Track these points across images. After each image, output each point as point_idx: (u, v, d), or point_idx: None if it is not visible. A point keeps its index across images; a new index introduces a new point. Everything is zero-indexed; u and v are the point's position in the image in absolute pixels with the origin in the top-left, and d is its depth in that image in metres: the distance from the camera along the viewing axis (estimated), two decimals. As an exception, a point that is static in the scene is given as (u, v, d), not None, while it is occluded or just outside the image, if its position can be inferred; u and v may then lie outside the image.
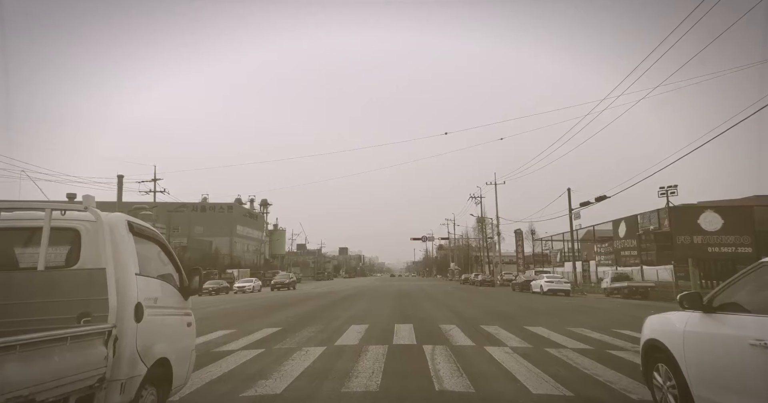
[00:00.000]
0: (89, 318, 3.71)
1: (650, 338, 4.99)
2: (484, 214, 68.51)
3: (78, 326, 3.59)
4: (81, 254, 4.05)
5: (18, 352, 2.77)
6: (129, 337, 3.82)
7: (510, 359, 8.15)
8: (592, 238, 47.22)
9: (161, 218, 48.67)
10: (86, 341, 3.39)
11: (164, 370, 4.41)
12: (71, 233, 4.09)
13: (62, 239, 4.06)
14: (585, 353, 8.78)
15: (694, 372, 4.22)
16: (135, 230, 4.33)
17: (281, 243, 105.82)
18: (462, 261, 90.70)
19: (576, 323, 14.05)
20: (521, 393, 5.97)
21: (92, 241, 4.01)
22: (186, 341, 5.17)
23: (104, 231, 3.89)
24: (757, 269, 3.95)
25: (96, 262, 3.91)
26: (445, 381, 6.52)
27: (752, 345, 3.47)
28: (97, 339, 3.51)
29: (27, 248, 4.14)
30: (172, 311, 4.85)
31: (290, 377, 6.81)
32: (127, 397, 3.76)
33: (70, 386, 3.18)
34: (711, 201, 39.86)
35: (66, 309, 3.72)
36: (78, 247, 4.07)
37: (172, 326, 4.83)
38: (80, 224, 4.11)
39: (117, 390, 3.67)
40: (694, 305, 4.34)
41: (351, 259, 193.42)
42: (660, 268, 33.56)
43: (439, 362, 7.85)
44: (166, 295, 4.72)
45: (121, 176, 44.25)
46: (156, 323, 4.31)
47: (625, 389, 6.01)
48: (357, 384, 6.38)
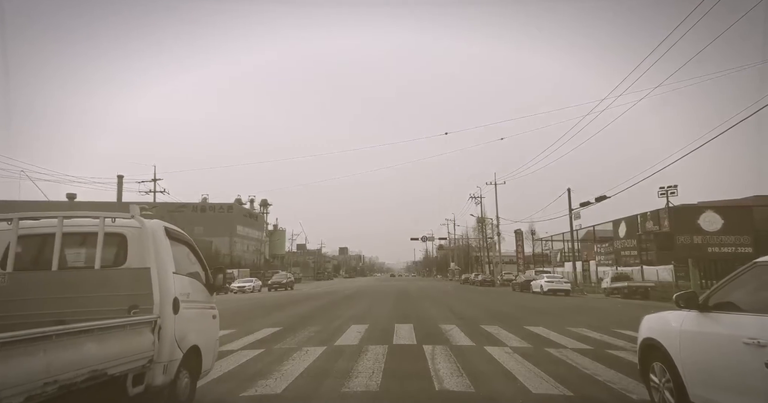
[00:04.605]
0: (137, 310, 4.33)
1: (647, 336, 5.04)
2: (485, 214, 68.53)
3: (133, 316, 4.22)
4: (128, 255, 4.70)
5: (95, 335, 3.49)
6: (169, 326, 4.48)
7: (510, 359, 8.16)
8: (592, 238, 47.20)
9: (161, 218, 48.72)
10: (139, 329, 4.09)
11: (195, 356, 5.13)
12: (119, 237, 4.73)
13: (111, 243, 4.67)
14: (585, 353, 8.78)
15: (690, 371, 4.27)
16: (170, 234, 5.05)
17: (281, 243, 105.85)
18: (462, 261, 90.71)
19: (576, 323, 14.05)
20: (521, 393, 5.98)
21: (137, 244, 4.66)
22: (212, 332, 5.90)
23: (148, 236, 4.59)
24: (750, 269, 4.02)
25: (141, 262, 4.56)
26: (446, 381, 6.52)
27: (746, 344, 3.52)
28: (146, 327, 4.19)
29: (81, 250, 4.81)
30: (200, 304, 5.52)
31: (290, 377, 6.81)
32: (168, 377, 4.44)
33: (129, 364, 3.88)
34: (711, 201, 39.85)
35: (118, 302, 4.34)
36: (125, 249, 4.72)
37: (201, 318, 5.50)
38: (127, 229, 4.73)
39: (161, 371, 4.35)
40: (689, 305, 4.39)
41: (351, 259, 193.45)
42: (660, 268, 33.58)
43: (440, 362, 7.85)
44: (195, 291, 5.39)
45: (121, 176, 44.40)
46: (189, 315, 4.95)
47: (625, 389, 6.02)
48: (357, 384, 6.38)
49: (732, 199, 40.36)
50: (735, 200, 39.74)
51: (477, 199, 65.22)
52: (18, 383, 2.77)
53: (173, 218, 56.53)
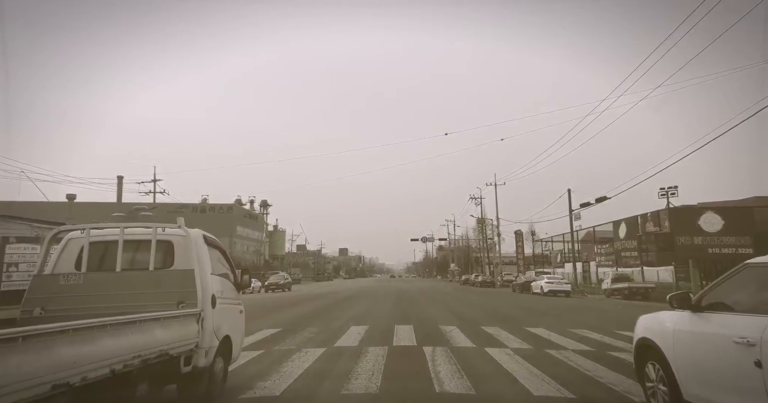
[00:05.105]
0: (184, 304, 5.12)
1: (642, 336, 5.11)
2: (485, 215, 68.48)
3: (182, 309, 5.02)
4: (175, 259, 5.52)
5: (162, 323, 4.38)
6: (209, 318, 5.29)
7: (510, 361, 8.10)
8: (592, 239, 47.13)
9: (161, 218, 48.58)
10: (188, 320, 4.93)
11: (228, 344, 5.97)
12: (167, 244, 5.56)
13: (161, 248, 5.50)
14: (586, 355, 8.73)
15: (683, 370, 4.34)
16: (207, 240, 5.92)
17: (281, 244, 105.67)
18: (462, 262, 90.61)
19: (576, 324, 14.01)
20: (522, 395, 5.93)
21: (182, 249, 5.50)
22: (240, 324, 6.75)
23: (191, 243, 5.48)
24: (742, 270, 4.11)
25: (185, 264, 5.40)
26: (446, 383, 6.47)
27: (736, 343, 3.60)
28: (193, 319, 5.03)
29: (137, 254, 5.60)
30: (231, 301, 6.29)
31: (289, 379, 6.76)
32: (208, 361, 5.27)
33: (182, 347, 4.74)
34: (711, 202, 39.79)
35: (168, 297, 5.14)
36: (172, 254, 5.54)
37: (232, 313, 6.29)
38: (173, 237, 5.57)
39: (203, 355, 5.16)
40: (683, 305, 4.48)
41: (351, 259, 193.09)
42: (660, 269, 33.49)
43: (440, 364, 7.80)
44: (226, 289, 6.20)
45: (120, 177, 44.33)
46: (222, 310, 5.77)
47: (628, 392, 5.96)
48: (357, 386, 6.33)
49: (732, 201, 40.32)
50: (735, 201, 39.70)
51: (477, 200, 65.20)
52: (118, 354, 3.67)
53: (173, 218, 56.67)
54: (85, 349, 3.29)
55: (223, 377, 5.90)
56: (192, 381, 5.12)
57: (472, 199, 65.99)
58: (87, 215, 43.45)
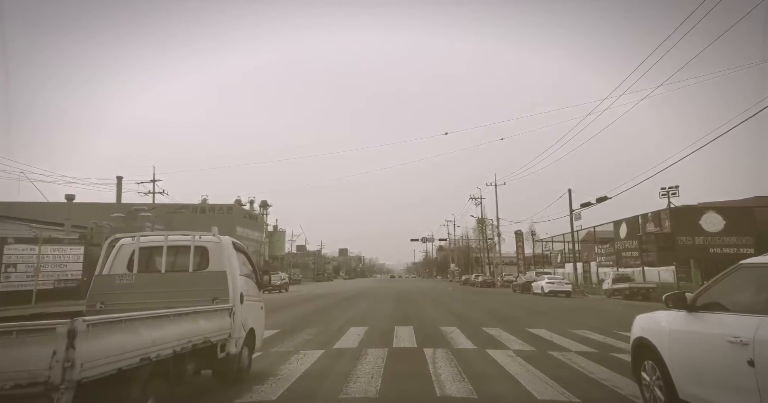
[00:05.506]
0: (218, 300, 6.02)
1: (639, 336, 5.18)
2: (485, 215, 68.34)
3: (218, 305, 5.88)
4: (209, 262, 6.41)
5: (205, 315, 5.29)
6: (238, 313, 6.18)
7: (513, 363, 7.95)
8: (592, 239, 46.98)
9: (161, 219, 48.34)
10: (223, 313, 5.84)
11: (252, 336, 6.91)
12: (203, 249, 6.45)
13: (198, 253, 6.41)
14: (589, 356, 8.58)
15: (679, 368, 4.40)
16: (236, 246, 6.79)
17: (281, 244, 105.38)
18: (462, 262, 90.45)
19: (579, 325, 13.86)
20: (525, 399, 5.78)
21: (215, 254, 6.43)
22: (261, 319, 7.72)
23: (223, 248, 6.44)
24: (736, 271, 4.16)
25: (218, 267, 6.33)
26: (447, 386, 6.32)
27: (730, 342, 3.65)
28: (226, 313, 5.93)
29: (178, 258, 6.44)
30: (254, 298, 7.21)
31: (287, 382, 6.60)
32: (237, 349, 6.17)
33: (219, 336, 5.63)
34: (712, 202, 39.60)
35: (205, 295, 6.02)
36: (207, 258, 6.43)
37: (255, 308, 7.26)
38: (208, 243, 6.49)
39: (234, 344, 6.06)
40: (678, 305, 4.54)
41: (351, 260, 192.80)
42: (661, 269, 33.31)
43: (441, 366, 7.65)
44: (250, 288, 7.08)
45: (120, 178, 44.15)
46: (248, 306, 6.68)
47: (633, 395, 5.78)
48: (355, 389, 6.18)
49: (732, 201, 40.15)
50: (735, 201, 39.52)
51: (477, 200, 65.08)
52: (177, 338, 4.50)
53: (172, 219, 56.15)
54: (158, 333, 4.19)
55: (249, 365, 6.87)
56: (225, 366, 5.99)
57: (472, 199, 65.92)
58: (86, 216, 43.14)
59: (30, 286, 24.08)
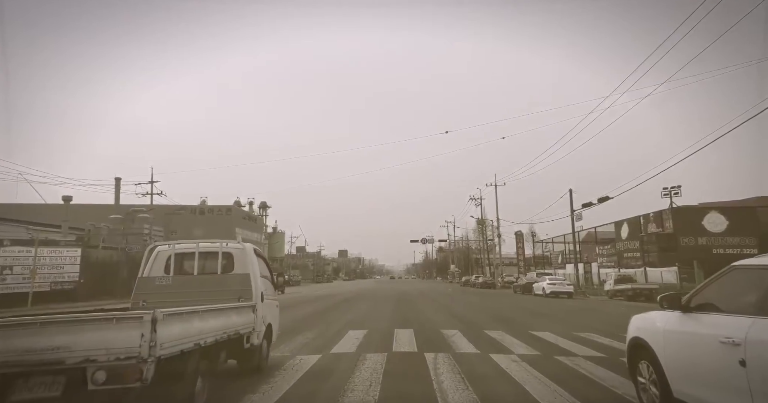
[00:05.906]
0: (243, 299, 6.85)
1: (634, 336, 5.23)
2: (485, 215, 68.03)
3: (243, 303, 6.72)
4: (234, 265, 7.29)
5: (236, 310, 6.19)
6: (260, 309, 7.01)
7: (518, 369, 7.60)
8: (593, 239, 46.65)
9: (159, 220, 47.90)
10: (248, 310, 6.66)
11: (270, 331, 7.82)
12: (229, 254, 7.36)
13: (225, 258, 7.31)
14: (598, 362, 8.22)
15: (673, 368, 4.44)
16: (256, 252, 7.75)
17: (280, 245, 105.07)
18: (462, 263, 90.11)
19: (583, 328, 13.52)
20: (534, 409, 5.43)
21: (240, 259, 7.33)
22: (277, 316, 8.67)
23: (246, 254, 7.38)
24: (729, 272, 4.23)
25: (242, 270, 7.23)
26: (450, 395, 5.95)
27: (722, 343, 3.68)
28: (250, 309, 6.75)
29: (208, 262, 7.35)
30: (271, 297, 8.17)
31: (280, 391, 6.24)
32: (259, 341, 7.03)
33: (246, 329, 6.42)
34: (714, 202, 39.25)
35: (231, 294, 6.85)
36: (232, 262, 7.32)
37: (272, 306, 8.20)
38: (233, 249, 7.41)
39: (257, 336, 6.83)
40: (673, 305, 4.59)
41: (350, 261, 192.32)
42: (663, 270, 32.96)
43: (443, 373, 7.29)
44: (268, 288, 7.95)
45: (118, 179, 43.71)
46: (267, 304, 7.59)
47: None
48: (352, 399, 5.82)
49: (733, 201, 39.81)
50: (736, 201, 39.18)
51: (477, 201, 64.77)
52: (216, 330, 5.30)
53: (171, 220, 55.51)
54: (204, 324, 5.03)
55: (267, 356, 7.81)
56: (249, 355, 6.82)
57: (472, 199, 65.62)
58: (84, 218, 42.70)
59: (26, 288, 23.76)
